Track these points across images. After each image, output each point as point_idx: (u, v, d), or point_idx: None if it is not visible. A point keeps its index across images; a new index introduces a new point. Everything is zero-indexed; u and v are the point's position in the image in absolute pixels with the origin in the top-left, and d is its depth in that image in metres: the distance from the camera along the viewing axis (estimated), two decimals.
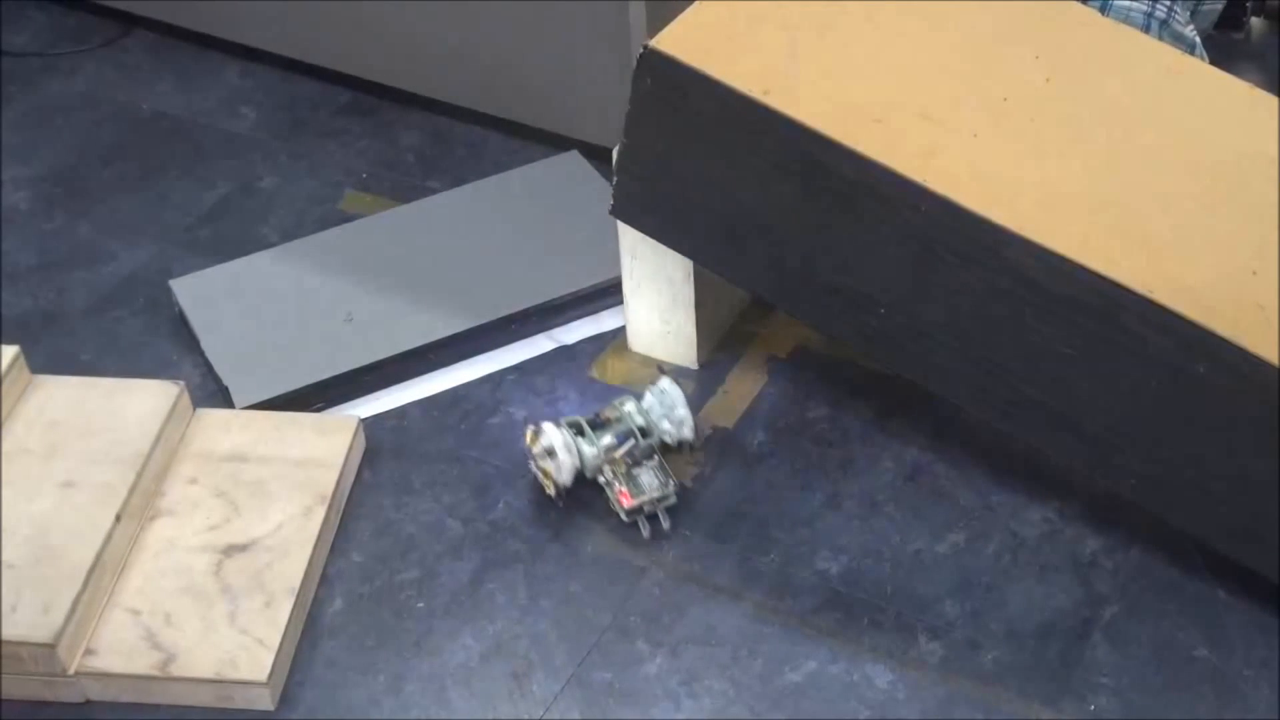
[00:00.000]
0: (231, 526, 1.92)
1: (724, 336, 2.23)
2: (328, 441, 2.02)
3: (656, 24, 1.86)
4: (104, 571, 1.82)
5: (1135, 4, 2.16)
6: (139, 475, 1.91)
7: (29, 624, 1.74)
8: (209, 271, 2.34)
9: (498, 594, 1.89)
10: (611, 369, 2.19)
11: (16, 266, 2.43)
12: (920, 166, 1.72)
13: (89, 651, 1.78)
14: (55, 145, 2.70)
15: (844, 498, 1.99)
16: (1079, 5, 2.01)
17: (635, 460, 1.96)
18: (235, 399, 2.11)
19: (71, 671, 1.76)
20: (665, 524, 1.95)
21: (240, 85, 2.83)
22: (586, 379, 2.18)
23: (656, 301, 2.14)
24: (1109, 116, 1.83)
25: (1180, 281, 1.65)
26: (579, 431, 1.96)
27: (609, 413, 2.00)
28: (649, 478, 1.96)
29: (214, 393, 2.15)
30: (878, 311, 1.83)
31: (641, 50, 1.81)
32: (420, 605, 1.88)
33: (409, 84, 2.68)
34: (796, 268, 1.87)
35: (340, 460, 2.00)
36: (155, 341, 2.28)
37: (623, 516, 1.94)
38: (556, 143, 2.55)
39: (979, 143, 1.77)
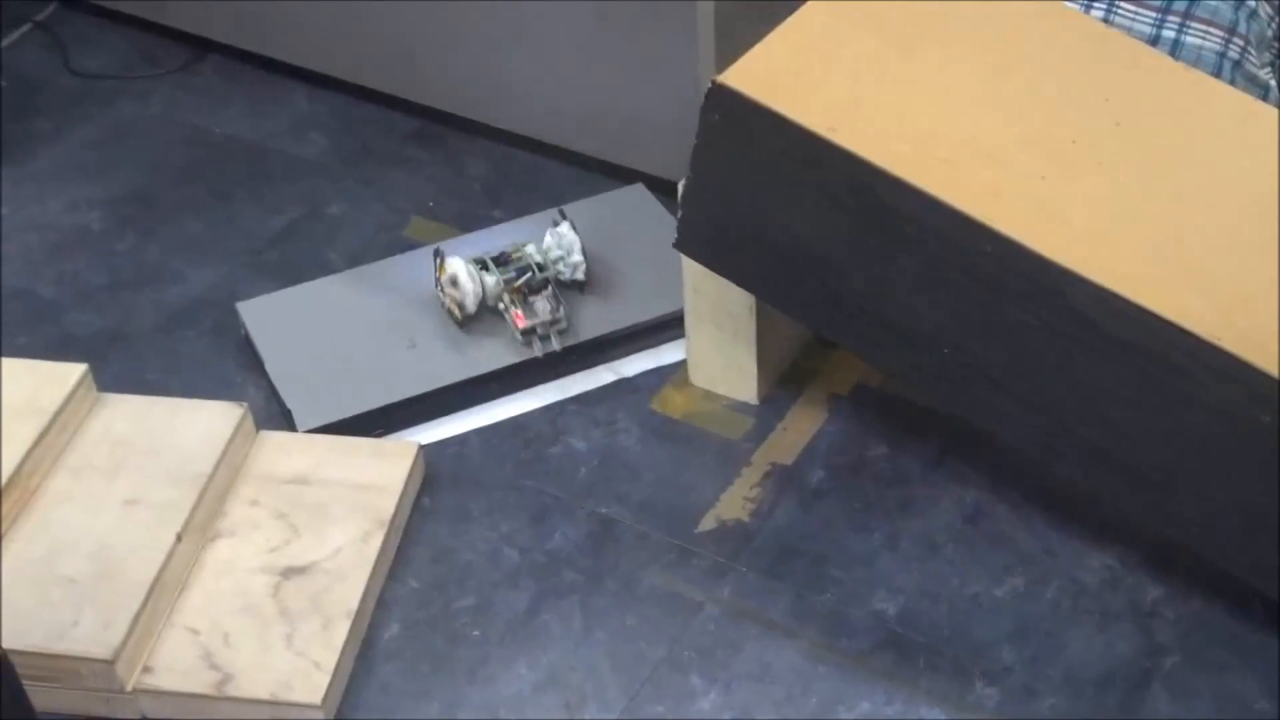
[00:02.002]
0: (291, 549, 1.93)
1: (785, 372, 2.22)
2: (388, 467, 2.04)
3: (725, 60, 1.86)
4: (164, 590, 1.84)
5: (1208, 43, 2.14)
6: (201, 495, 1.93)
7: (89, 639, 1.76)
8: (275, 295, 2.36)
9: (553, 625, 1.89)
10: (672, 402, 2.19)
11: (87, 285, 2.46)
12: (986, 207, 1.71)
13: (147, 669, 1.79)
14: (128, 167, 2.74)
15: (902, 538, 1.97)
16: (1149, 49, 2.00)
17: (532, 289, 2.23)
18: (298, 422, 2.13)
19: (129, 688, 1.77)
20: (556, 346, 2.20)
21: (310, 111, 2.86)
22: (647, 411, 2.18)
23: (718, 336, 2.14)
24: (1179, 162, 1.81)
25: (1248, 330, 1.63)
26: (483, 266, 2.23)
27: (513, 252, 2.28)
28: (543, 304, 2.23)
29: (277, 415, 2.17)
30: (940, 351, 1.82)
31: (710, 85, 1.81)
32: (476, 633, 1.88)
33: (478, 114, 2.70)
34: (858, 305, 1.86)
35: (400, 486, 2.01)
36: (220, 363, 2.30)
37: (518, 336, 2.20)
38: (622, 175, 2.56)
39: (1046, 185, 1.76)
